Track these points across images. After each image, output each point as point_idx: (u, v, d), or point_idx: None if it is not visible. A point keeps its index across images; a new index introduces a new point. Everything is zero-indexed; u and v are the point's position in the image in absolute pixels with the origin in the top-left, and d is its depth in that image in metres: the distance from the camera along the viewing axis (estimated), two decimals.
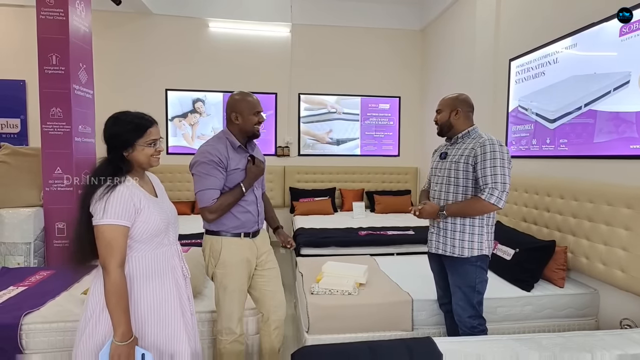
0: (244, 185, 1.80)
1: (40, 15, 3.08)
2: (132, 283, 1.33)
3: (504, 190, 1.76)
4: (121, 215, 1.27)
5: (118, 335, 1.24)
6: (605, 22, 2.40)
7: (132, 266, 1.34)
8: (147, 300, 1.36)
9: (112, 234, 1.25)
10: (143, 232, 1.33)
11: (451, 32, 4.70)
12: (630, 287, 2.09)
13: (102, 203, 1.25)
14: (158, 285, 1.38)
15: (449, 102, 1.98)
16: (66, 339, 1.98)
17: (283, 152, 5.43)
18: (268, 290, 1.96)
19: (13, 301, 2.15)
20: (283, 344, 2.13)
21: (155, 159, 1.41)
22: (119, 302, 1.24)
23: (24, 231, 3.10)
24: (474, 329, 1.90)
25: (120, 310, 1.24)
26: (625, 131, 2.27)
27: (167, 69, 5.16)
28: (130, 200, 1.29)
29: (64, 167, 3.17)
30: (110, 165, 1.33)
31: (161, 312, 1.38)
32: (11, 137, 4.76)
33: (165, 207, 1.45)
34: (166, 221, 1.41)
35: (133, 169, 1.38)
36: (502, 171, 1.77)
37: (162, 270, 1.40)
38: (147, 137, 1.36)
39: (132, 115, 1.39)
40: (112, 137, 1.35)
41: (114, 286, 1.24)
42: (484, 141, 1.84)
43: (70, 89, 3.16)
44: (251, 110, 1.83)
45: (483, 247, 1.89)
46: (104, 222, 1.25)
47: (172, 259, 1.45)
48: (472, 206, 1.84)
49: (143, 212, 1.32)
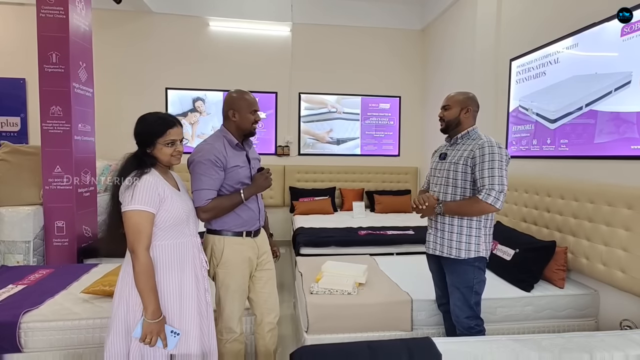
0: (244, 194, 1.78)
1: (40, 13, 3.08)
2: (155, 270, 1.41)
3: (501, 192, 1.75)
4: (147, 202, 1.37)
5: (149, 313, 1.34)
6: (607, 22, 2.40)
7: (155, 254, 1.43)
8: (165, 287, 1.44)
9: (139, 219, 1.36)
10: (166, 220, 1.44)
11: (452, 32, 4.69)
12: (630, 288, 2.09)
13: (130, 191, 1.37)
14: (178, 274, 1.47)
15: (460, 100, 1.95)
16: (65, 338, 1.98)
17: (283, 152, 5.42)
18: (263, 292, 1.96)
19: (12, 299, 2.15)
20: (279, 345, 2.13)
21: (175, 158, 1.52)
22: (148, 281, 1.35)
23: (24, 229, 3.10)
24: (471, 329, 1.90)
25: (149, 290, 1.35)
26: (626, 132, 2.27)
27: (167, 68, 5.16)
28: (155, 189, 1.40)
29: (63, 166, 3.17)
30: (135, 159, 1.47)
31: (177, 300, 1.46)
32: (11, 136, 4.76)
33: (185, 199, 1.57)
34: (187, 212, 1.53)
35: (157, 164, 1.50)
36: (499, 173, 1.77)
37: (183, 260, 1.49)
38: (166, 137, 1.47)
39: (157, 115, 1.50)
40: (137, 135, 1.48)
41: (143, 266, 1.35)
42: (482, 143, 1.84)
43: (70, 87, 3.15)
44: (249, 108, 1.83)
45: (480, 249, 1.88)
46: (132, 207, 1.35)
47: (192, 250, 1.54)
48: (469, 206, 1.83)
49: (166, 201, 1.43)
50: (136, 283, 1.35)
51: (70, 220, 3.21)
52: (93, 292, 2.18)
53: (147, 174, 1.42)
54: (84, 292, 2.20)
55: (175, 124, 1.50)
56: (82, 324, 2.00)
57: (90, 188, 3.42)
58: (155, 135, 1.46)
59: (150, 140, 1.46)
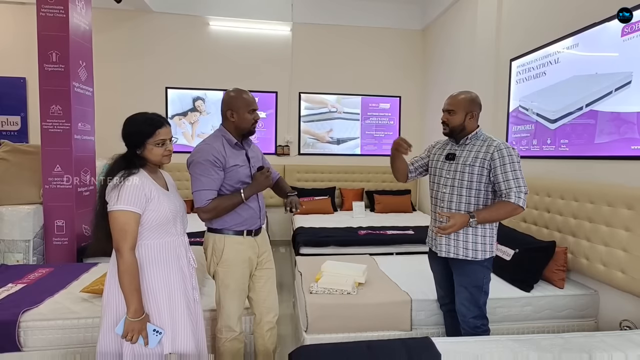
0: (245, 193, 1.78)
1: (40, 12, 3.08)
2: (140, 269, 1.42)
3: (526, 193, 1.79)
4: (133, 203, 1.38)
5: (131, 312, 1.35)
6: (607, 22, 2.40)
7: (141, 253, 1.44)
8: (152, 285, 1.45)
9: (124, 219, 1.36)
10: (152, 220, 1.44)
11: (452, 32, 4.68)
12: (630, 288, 2.09)
13: (116, 191, 1.37)
14: (163, 272, 1.47)
15: (465, 105, 1.90)
16: (64, 337, 1.98)
17: (283, 151, 5.42)
18: (262, 291, 1.96)
19: (11, 298, 2.15)
20: (278, 344, 2.13)
21: (167, 157, 1.52)
22: (132, 281, 1.36)
23: (23, 228, 3.10)
24: (477, 328, 1.90)
25: (132, 289, 1.36)
26: (627, 132, 2.27)
27: (167, 67, 5.15)
28: (142, 190, 1.41)
29: (63, 165, 3.17)
30: (124, 161, 1.46)
31: (166, 297, 1.47)
32: (11, 135, 4.76)
33: (174, 199, 1.56)
34: (174, 212, 1.52)
35: (146, 164, 1.50)
36: (521, 174, 1.80)
37: (168, 258, 1.50)
38: (156, 137, 1.46)
39: (145, 116, 1.49)
40: (126, 136, 1.47)
41: (127, 266, 1.35)
42: (499, 144, 1.84)
43: (70, 86, 3.15)
44: (247, 107, 1.83)
45: (493, 248, 1.91)
46: (118, 207, 1.36)
47: (178, 249, 1.54)
48: (502, 210, 1.80)
49: (153, 201, 1.44)
50: (120, 282, 1.36)
51: (70, 220, 3.21)
52: (92, 291, 2.18)
53: (134, 174, 1.42)
54: (84, 291, 2.20)
55: (164, 124, 1.49)
56: (82, 323, 2.00)
57: (90, 187, 3.42)
58: (145, 136, 1.45)
59: (139, 141, 1.46)
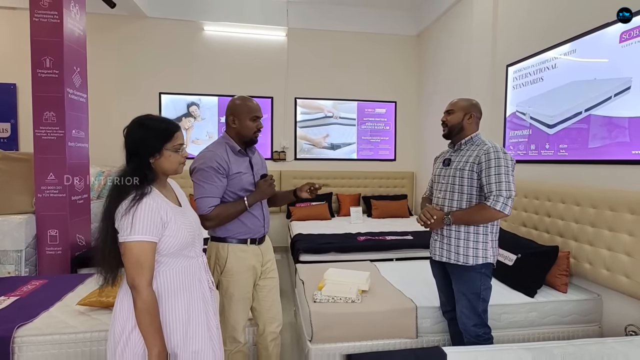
0: (248, 201, 1.75)
1: (34, 17, 3.01)
2: (159, 298, 1.26)
3: (509, 197, 1.74)
4: (149, 231, 1.19)
5: (154, 356, 1.17)
6: (605, 28, 2.42)
7: (159, 281, 1.27)
8: (174, 315, 1.28)
9: (140, 251, 1.18)
10: (171, 246, 1.27)
11: (448, 38, 4.72)
12: (635, 293, 2.09)
13: (129, 217, 1.18)
14: (185, 300, 1.31)
15: (464, 105, 1.96)
16: (61, 352, 1.90)
17: (279, 157, 5.39)
18: (266, 301, 1.92)
19: (5, 313, 2.06)
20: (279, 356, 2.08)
21: (182, 166, 1.35)
22: (152, 322, 1.18)
23: (15, 239, 3.01)
24: (479, 337, 1.88)
25: (153, 330, 1.18)
26: (627, 137, 2.28)
27: (161, 73, 5.10)
28: (157, 214, 1.22)
29: (57, 173, 3.09)
30: (135, 174, 1.24)
31: (189, 327, 1.31)
32: (1, 142, 4.65)
33: (189, 216, 1.38)
34: (192, 232, 1.35)
35: (156, 179, 1.30)
36: (506, 178, 1.76)
37: (190, 284, 1.34)
38: (174, 141, 1.30)
39: (159, 119, 1.32)
40: (139, 142, 1.26)
41: (147, 304, 1.17)
42: (488, 148, 1.84)
43: (64, 92, 3.08)
44: (249, 114, 1.79)
45: (488, 255, 1.87)
46: (132, 239, 1.17)
47: (198, 272, 1.39)
48: (477, 213, 1.81)
49: (170, 225, 1.25)
50: (138, 322, 1.18)
51: (64, 229, 3.12)
52: (89, 304, 2.11)
53: (147, 195, 1.22)
54: (80, 303, 2.12)
55: (179, 127, 1.35)
56: (79, 337, 1.93)
57: (83, 195, 3.35)
58: (163, 140, 1.27)
59: (157, 146, 1.26)
